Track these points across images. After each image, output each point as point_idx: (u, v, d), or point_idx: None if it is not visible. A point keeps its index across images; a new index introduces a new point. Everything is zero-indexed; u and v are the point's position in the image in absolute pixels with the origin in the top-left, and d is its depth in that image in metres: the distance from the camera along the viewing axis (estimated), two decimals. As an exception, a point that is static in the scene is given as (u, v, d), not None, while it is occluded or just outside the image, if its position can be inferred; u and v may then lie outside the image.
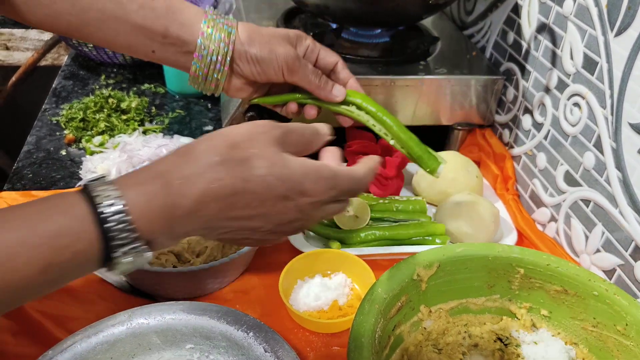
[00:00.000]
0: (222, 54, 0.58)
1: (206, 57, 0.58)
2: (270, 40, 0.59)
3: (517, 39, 0.83)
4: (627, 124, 0.61)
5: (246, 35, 0.58)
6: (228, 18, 0.59)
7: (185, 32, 0.57)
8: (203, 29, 0.57)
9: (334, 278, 0.68)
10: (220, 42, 0.57)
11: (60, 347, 0.46)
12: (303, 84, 0.61)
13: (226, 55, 0.58)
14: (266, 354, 0.47)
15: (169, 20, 0.57)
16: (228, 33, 0.57)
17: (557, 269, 0.59)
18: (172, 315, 0.50)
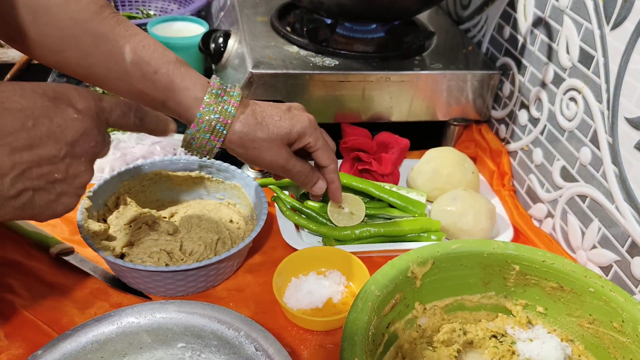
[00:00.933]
0: (216, 134, 0.57)
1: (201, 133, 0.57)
2: (262, 144, 0.58)
3: (513, 34, 0.82)
4: (624, 118, 0.61)
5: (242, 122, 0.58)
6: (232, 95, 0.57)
7: (181, 111, 0.58)
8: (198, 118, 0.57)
9: (329, 276, 0.67)
10: (218, 123, 0.57)
11: (50, 346, 0.45)
12: (290, 177, 0.63)
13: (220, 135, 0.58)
14: (257, 352, 0.46)
15: (168, 97, 0.57)
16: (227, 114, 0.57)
17: (553, 266, 0.59)
18: (163, 314, 0.49)
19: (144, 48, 0.56)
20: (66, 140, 0.40)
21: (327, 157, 0.63)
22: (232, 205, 0.75)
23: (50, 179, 0.40)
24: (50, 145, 0.39)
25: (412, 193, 0.79)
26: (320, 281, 0.66)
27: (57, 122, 0.39)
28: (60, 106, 0.40)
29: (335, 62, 0.81)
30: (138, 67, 0.56)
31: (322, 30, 0.84)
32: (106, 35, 0.55)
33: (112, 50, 0.55)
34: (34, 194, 0.39)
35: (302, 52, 0.82)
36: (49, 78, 1.06)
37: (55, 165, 0.40)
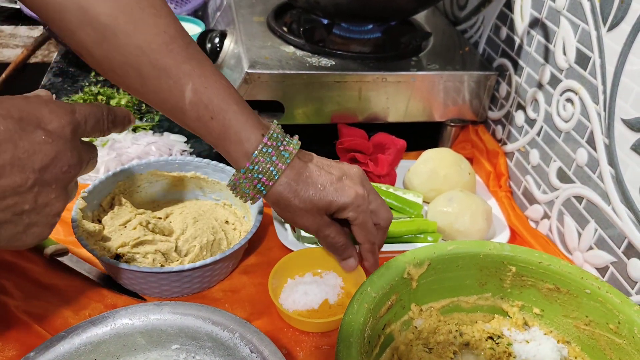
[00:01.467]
0: (255, 191, 0.57)
1: (243, 185, 0.57)
2: (297, 211, 0.57)
3: (510, 35, 0.82)
4: (620, 119, 0.61)
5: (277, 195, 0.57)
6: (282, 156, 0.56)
7: (230, 160, 0.57)
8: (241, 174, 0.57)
9: (325, 277, 0.67)
10: (259, 183, 0.56)
11: (43, 348, 0.45)
12: (321, 243, 0.63)
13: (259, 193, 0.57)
14: (252, 354, 0.46)
15: (219, 145, 0.56)
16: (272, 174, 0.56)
17: (549, 267, 0.59)
18: (157, 315, 0.49)
19: (205, 90, 0.54)
20: (34, 167, 0.36)
21: (363, 237, 0.60)
22: (228, 206, 0.75)
23: (16, 210, 0.36)
24: (15, 175, 0.35)
25: (408, 194, 0.79)
26: (316, 282, 0.65)
27: (22, 148, 0.36)
28: (27, 128, 0.36)
29: (332, 63, 0.81)
30: (195, 109, 0.54)
31: (318, 30, 0.84)
32: (170, 69, 0.53)
33: (172, 86, 0.53)
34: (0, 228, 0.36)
35: (299, 52, 0.82)
36: (43, 78, 1.05)
37: (21, 196, 0.36)
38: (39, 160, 0.36)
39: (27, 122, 0.36)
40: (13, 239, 0.37)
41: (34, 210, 0.37)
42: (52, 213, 0.38)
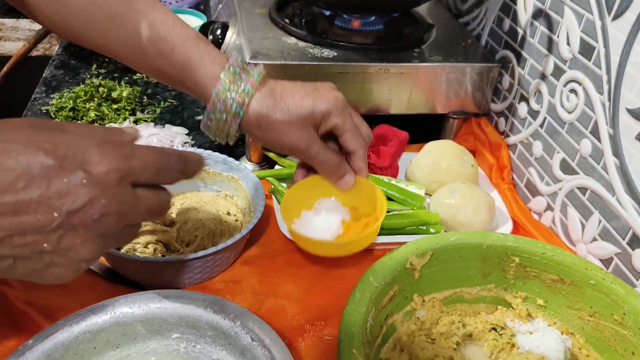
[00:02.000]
0: (232, 114, 0.54)
1: (217, 114, 0.54)
2: (280, 126, 0.54)
3: (513, 26, 0.81)
4: (625, 109, 0.60)
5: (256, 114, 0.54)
6: (251, 74, 0.54)
7: (198, 90, 0.55)
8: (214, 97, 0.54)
9: (322, 205, 0.63)
10: (235, 103, 0.53)
11: (41, 336, 0.45)
12: (313, 165, 0.59)
13: (237, 116, 0.54)
14: (253, 343, 0.45)
15: (185, 75, 0.54)
16: (245, 94, 0.53)
17: (553, 258, 0.58)
18: (157, 304, 0.48)
19: (161, 24, 0.53)
20: (61, 209, 0.34)
21: (356, 142, 0.57)
22: (230, 197, 0.75)
23: (36, 249, 0.34)
24: (41, 213, 0.33)
25: (411, 186, 0.78)
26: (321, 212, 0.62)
27: (55, 187, 0.33)
28: (68, 168, 0.34)
29: (334, 54, 0.80)
30: (154, 45, 0.53)
31: (320, 22, 0.83)
32: (123, 13, 0.52)
33: (127, 27, 0.52)
34: (15, 262, 0.34)
35: (301, 43, 0.82)
36: (45, 71, 1.05)
37: (43, 235, 0.34)
38: (69, 204, 0.34)
39: (70, 161, 0.34)
40: (31, 274, 0.35)
41: (56, 252, 0.35)
42: (77, 258, 0.35)
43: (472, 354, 0.57)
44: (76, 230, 0.34)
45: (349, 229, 0.61)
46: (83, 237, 0.35)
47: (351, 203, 0.63)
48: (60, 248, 0.34)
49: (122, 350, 0.49)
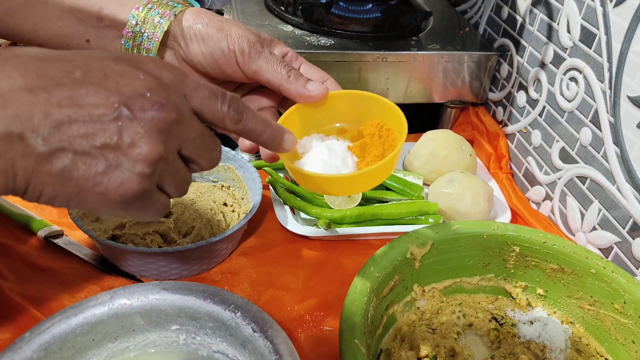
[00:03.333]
0: (155, 27, 0.49)
1: (138, 35, 0.49)
2: (225, 22, 0.49)
3: (512, 14, 0.81)
4: (626, 97, 0.60)
5: (195, 13, 0.49)
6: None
7: (122, 12, 0.49)
8: (140, 3, 0.49)
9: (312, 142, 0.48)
10: (157, 16, 0.49)
11: (39, 329, 0.44)
12: (266, 76, 0.48)
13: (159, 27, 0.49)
14: (255, 334, 0.45)
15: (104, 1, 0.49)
16: (171, 7, 0.49)
17: (554, 247, 0.58)
18: (156, 295, 0.47)
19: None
20: (121, 97, 0.31)
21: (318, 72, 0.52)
22: (226, 187, 0.74)
23: (96, 142, 0.31)
24: (100, 100, 0.31)
25: (409, 176, 0.78)
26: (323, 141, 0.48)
27: (113, 79, 0.31)
28: (122, 65, 0.32)
29: (331, 42, 0.79)
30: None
31: (317, 9, 0.82)
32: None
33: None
34: (74, 158, 0.30)
35: (297, 31, 0.81)
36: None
37: (104, 126, 0.31)
38: (128, 91, 0.32)
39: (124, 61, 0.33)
40: (92, 180, 0.31)
41: (118, 149, 0.31)
42: (140, 157, 0.32)
43: (472, 344, 0.57)
44: (138, 122, 0.32)
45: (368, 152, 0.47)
46: (145, 130, 0.32)
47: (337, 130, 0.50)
48: (122, 142, 0.31)
49: (120, 343, 0.48)
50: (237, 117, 0.37)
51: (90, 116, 0.30)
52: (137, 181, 0.32)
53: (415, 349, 0.54)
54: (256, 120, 0.39)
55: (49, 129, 0.30)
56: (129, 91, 0.32)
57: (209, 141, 0.36)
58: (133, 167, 0.32)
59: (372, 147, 0.48)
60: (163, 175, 0.34)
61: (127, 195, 0.32)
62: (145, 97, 0.32)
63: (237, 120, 0.37)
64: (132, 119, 0.31)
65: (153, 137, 0.32)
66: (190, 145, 0.35)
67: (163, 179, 0.34)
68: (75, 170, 0.31)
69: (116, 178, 0.31)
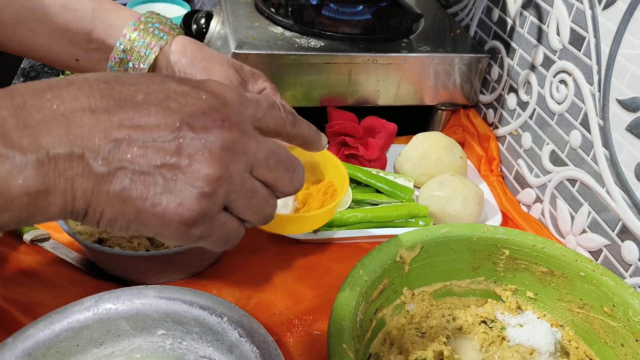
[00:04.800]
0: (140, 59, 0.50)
1: (124, 62, 0.50)
2: (211, 59, 0.51)
3: (502, 16, 0.81)
4: (615, 100, 0.60)
5: (181, 47, 0.51)
6: (168, 24, 0.52)
7: (111, 36, 0.51)
8: (128, 31, 0.50)
9: None
10: (143, 47, 0.50)
11: (21, 334, 0.43)
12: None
13: (144, 59, 0.50)
14: (241, 339, 0.44)
15: (95, 22, 0.50)
16: (158, 39, 0.50)
17: (543, 250, 0.58)
18: (141, 300, 0.47)
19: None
20: (182, 116, 0.31)
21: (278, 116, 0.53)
22: (215, 190, 0.73)
23: (155, 161, 0.30)
24: (160, 119, 0.30)
25: (399, 178, 0.78)
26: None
27: (175, 99, 0.31)
28: (184, 86, 0.32)
29: (321, 44, 0.79)
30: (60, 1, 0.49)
31: (307, 11, 0.82)
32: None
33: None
34: (133, 178, 0.30)
35: (287, 33, 0.80)
36: (23, 62, 1.02)
37: (163, 145, 0.30)
38: (189, 112, 0.31)
39: (186, 83, 0.33)
40: (150, 201, 0.30)
41: (177, 167, 0.30)
42: (199, 176, 0.31)
43: (462, 348, 0.57)
44: (198, 140, 0.31)
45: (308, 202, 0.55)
46: (205, 147, 0.31)
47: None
48: (181, 160, 0.30)
49: (106, 348, 0.47)
50: (293, 119, 0.38)
51: (151, 136, 0.30)
52: (197, 200, 0.31)
53: (405, 352, 0.54)
54: (303, 121, 0.39)
55: (108, 149, 0.30)
56: (191, 110, 0.31)
57: (284, 161, 0.35)
58: (192, 186, 0.31)
59: (314, 200, 0.53)
60: (231, 197, 0.33)
61: (186, 216, 0.31)
62: (207, 115, 0.32)
63: (294, 123, 0.38)
64: (193, 138, 0.31)
65: (214, 155, 0.31)
66: (262, 166, 0.34)
67: (232, 202, 0.33)
68: (134, 190, 0.30)
69: (175, 198, 0.31)
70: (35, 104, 0.29)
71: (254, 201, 0.34)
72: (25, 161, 0.28)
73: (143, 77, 0.32)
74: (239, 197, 0.33)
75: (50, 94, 0.30)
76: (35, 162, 0.28)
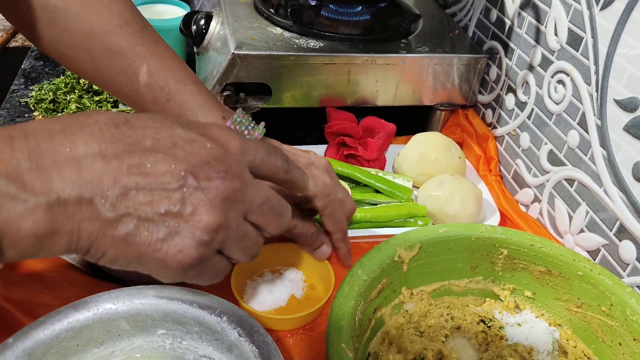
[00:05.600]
0: None
1: None
2: None
3: (500, 16, 0.81)
4: (613, 100, 0.60)
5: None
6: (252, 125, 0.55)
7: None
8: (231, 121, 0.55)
9: (285, 273, 0.63)
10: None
11: (22, 334, 0.43)
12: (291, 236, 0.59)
13: None
14: (240, 338, 0.44)
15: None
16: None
17: (541, 249, 0.58)
18: (141, 299, 0.47)
19: (160, 72, 0.53)
20: (188, 166, 0.33)
21: (334, 226, 0.59)
22: (215, 190, 0.73)
23: (160, 209, 0.32)
24: (167, 168, 0.32)
25: (398, 178, 0.78)
26: (279, 279, 0.62)
27: (181, 147, 0.33)
28: (190, 133, 0.34)
29: (320, 44, 0.79)
30: (151, 92, 0.53)
31: (306, 12, 0.82)
32: (124, 53, 0.52)
33: (126, 69, 0.52)
34: (138, 224, 0.32)
35: (286, 33, 0.80)
36: (24, 62, 1.02)
37: (169, 194, 0.32)
38: (194, 161, 0.33)
39: (192, 129, 0.35)
40: (153, 246, 0.32)
41: (179, 215, 0.32)
42: (200, 225, 0.33)
43: (460, 347, 0.57)
44: (201, 190, 0.33)
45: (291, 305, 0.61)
46: (208, 199, 0.33)
47: (312, 280, 0.64)
48: (184, 210, 0.33)
49: (106, 348, 0.48)
50: (286, 166, 0.40)
51: (157, 184, 0.32)
52: (196, 248, 0.33)
53: (403, 352, 0.54)
54: (295, 168, 0.41)
55: (117, 195, 0.31)
56: (196, 160, 0.33)
57: (276, 206, 0.37)
58: (193, 235, 0.33)
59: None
60: (226, 242, 0.35)
61: (185, 262, 0.33)
62: (211, 165, 0.33)
63: (287, 170, 0.40)
64: (197, 188, 0.33)
65: (215, 206, 0.33)
66: (256, 211, 0.36)
67: (226, 246, 0.35)
68: (138, 236, 0.32)
69: (176, 245, 0.33)
70: (49, 147, 0.30)
71: (245, 243, 0.36)
72: (37, 204, 0.29)
73: (151, 121, 0.34)
74: (232, 241, 0.35)
75: (62, 137, 0.31)
76: (45, 205, 0.30)
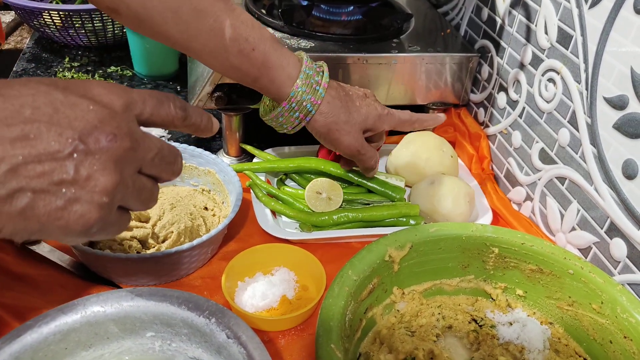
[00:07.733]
0: (304, 112, 0.63)
1: (291, 112, 0.63)
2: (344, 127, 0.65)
3: (492, 15, 0.81)
4: (602, 98, 0.60)
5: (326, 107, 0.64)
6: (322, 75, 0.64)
7: (273, 88, 0.62)
8: (290, 97, 0.62)
9: (277, 273, 0.63)
10: (309, 102, 0.63)
11: (9, 338, 0.43)
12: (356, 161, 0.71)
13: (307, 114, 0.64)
14: (229, 340, 0.44)
15: (262, 73, 0.61)
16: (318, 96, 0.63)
17: (532, 248, 0.58)
18: (130, 302, 0.47)
19: (242, 24, 0.59)
20: (74, 132, 0.32)
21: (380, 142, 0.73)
22: (207, 191, 0.73)
23: (53, 179, 0.31)
24: (53, 137, 0.31)
25: (390, 178, 0.78)
26: (270, 280, 0.62)
27: (63, 113, 0.32)
28: (70, 96, 0.33)
29: (312, 44, 0.79)
30: (236, 44, 0.58)
31: (297, 12, 0.82)
32: (206, 9, 0.56)
33: (212, 24, 0.57)
34: (34, 197, 0.31)
35: (278, 34, 0.80)
36: (16, 65, 1.02)
37: (59, 162, 0.31)
38: (80, 126, 0.32)
39: (72, 91, 0.33)
40: (53, 216, 0.32)
41: (75, 182, 0.32)
42: (97, 189, 0.32)
43: (452, 346, 0.57)
44: (92, 155, 0.32)
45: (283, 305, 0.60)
46: (100, 162, 0.32)
47: (304, 281, 0.64)
48: (79, 176, 0.32)
49: (94, 351, 0.47)
50: (183, 114, 0.39)
51: (46, 154, 0.31)
52: (97, 211, 0.33)
53: (394, 351, 0.54)
54: (195, 113, 0.41)
55: (4, 172, 0.30)
56: (81, 125, 0.32)
57: (167, 156, 0.38)
58: (92, 199, 0.33)
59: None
60: (125, 199, 0.35)
61: (88, 224, 0.33)
62: (97, 128, 0.33)
63: (184, 118, 0.39)
64: (87, 153, 0.32)
65: (109, 168, 0.33)
66: (149, 165, 0.36)
67: (125, 202, 0.36)
68: (36, 208, 0.31)
69: (76, 211, 0.32)
70: None
71: (143, 196, 0.37)
72: None
73: (25, 88, 0.32)
74: (131, 197, 0.35)
75: None
76: None
